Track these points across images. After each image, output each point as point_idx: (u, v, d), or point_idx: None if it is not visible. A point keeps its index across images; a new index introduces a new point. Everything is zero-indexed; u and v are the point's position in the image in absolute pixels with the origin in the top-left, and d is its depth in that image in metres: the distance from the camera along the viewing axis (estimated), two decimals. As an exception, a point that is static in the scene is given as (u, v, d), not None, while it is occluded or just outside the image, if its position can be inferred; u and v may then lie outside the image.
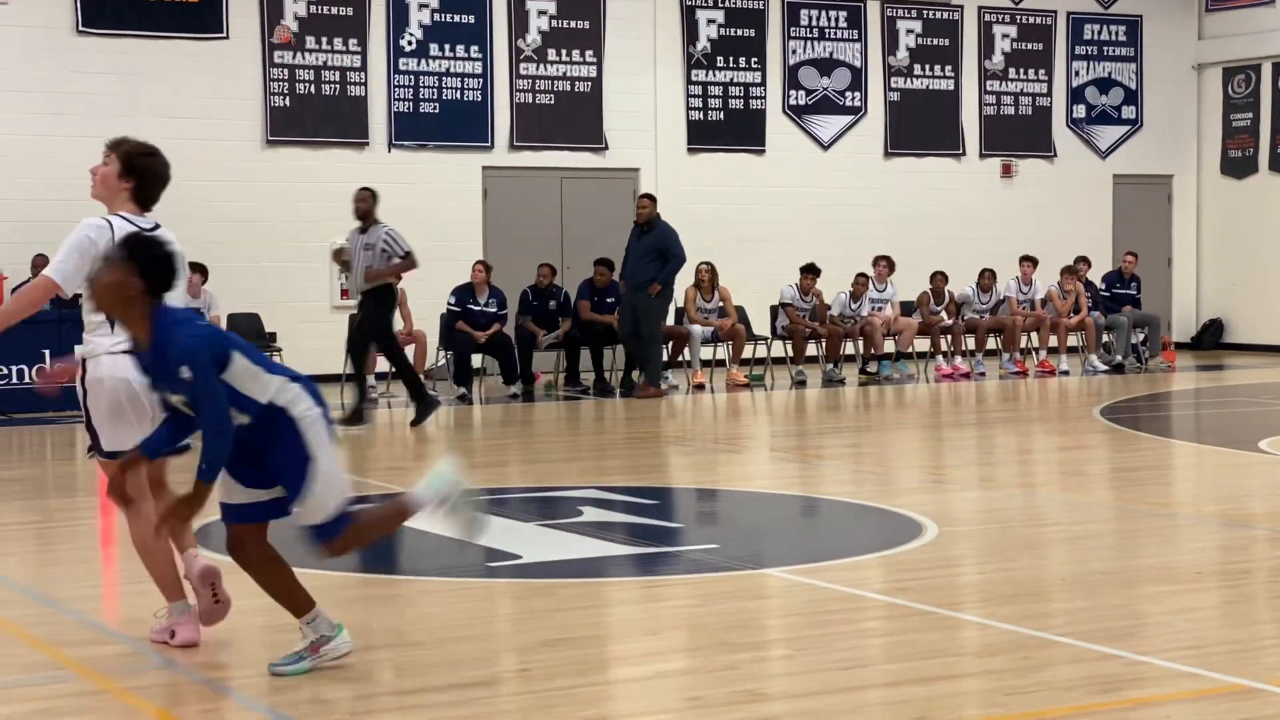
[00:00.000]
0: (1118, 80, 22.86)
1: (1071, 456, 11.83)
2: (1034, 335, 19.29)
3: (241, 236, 17.96)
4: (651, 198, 16.85)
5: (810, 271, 18.04)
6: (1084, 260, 19.94)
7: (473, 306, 16.53)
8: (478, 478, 11.00)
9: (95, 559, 8.03)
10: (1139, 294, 19.95)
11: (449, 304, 16.62)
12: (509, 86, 19.28)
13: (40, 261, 16.39)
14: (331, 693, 5.12)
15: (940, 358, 18.78)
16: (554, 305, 17.06)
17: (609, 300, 17.07)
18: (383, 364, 16.70)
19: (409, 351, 16.62)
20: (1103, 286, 19.99)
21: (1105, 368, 19.00)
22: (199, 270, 16.43)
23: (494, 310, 16.59)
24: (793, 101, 20.88)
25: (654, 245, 16.36)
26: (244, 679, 5.36)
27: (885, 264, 18.60)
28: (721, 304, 17.64)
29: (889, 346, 18.61)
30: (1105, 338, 19.67)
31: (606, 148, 19.79)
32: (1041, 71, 22.35)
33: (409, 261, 13.81)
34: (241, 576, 7.17)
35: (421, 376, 16.35)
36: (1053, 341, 19.16)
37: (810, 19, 20.98)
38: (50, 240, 17.12)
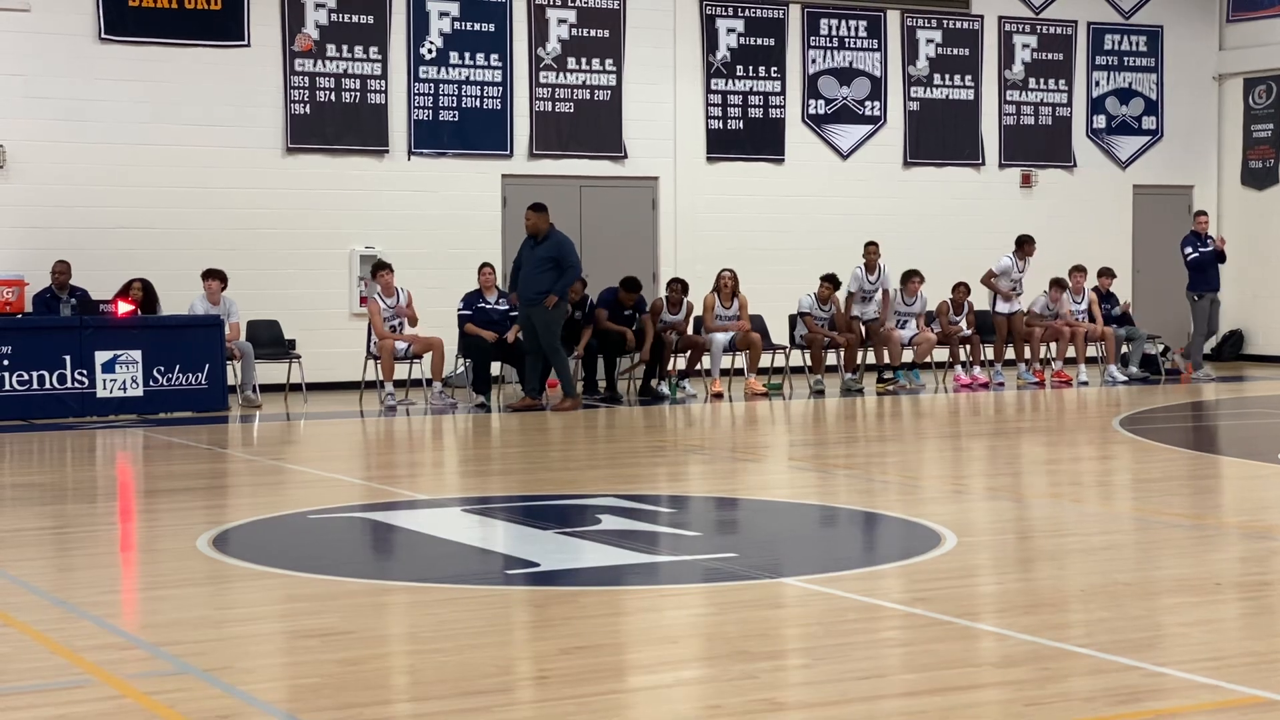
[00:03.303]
0: (1138, 91, 22.83)
1: (1091, 467, 11.80)
2: (1053, 345, 19.25)
3: (261, 243, 18.02)
4: (537, 208, 15.98)
5: (829, 281, 18.02)
6: (1108, 273, 19.90)
7: (483, 305, 16.56)
8: (496, 485, 11.02)
9: (114, 564, 8.05)
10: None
11: (459, 309, 16.62)
12: (529, 95, 19.32)
13: (61, 268, 16.46)
14: (350, 698, 5.13)
15: (959, 367, 18.75)
16: (579, 315, 16.96)
17: (625, 313, 17.02)
18: (400, 371, 16.75)
19: (426, 359, 16.64)
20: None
21: (1125, 378, 18.96)
22: (218, 277, 16.49)
23: (505, 307, 16.58)
24: (812, 111, 20.89)
25: (548, 255, 15.69)
26: (262, 684, 5.36)
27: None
28: (739, 312, 17.61)
29: (906, 356, 18.59)
30: (1123, 348, 19.62)
31: (626, 156, 19.81)
32: (1062, 81, 22.33)
33: None
34: (266, 583, 7.19)
35: (439, 384, 16.39)
36: (1070, 352, 19.14)
37: (830, 28, 20.99)
38: (72, 247, 17.33)
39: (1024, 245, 19.12)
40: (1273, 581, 7.25)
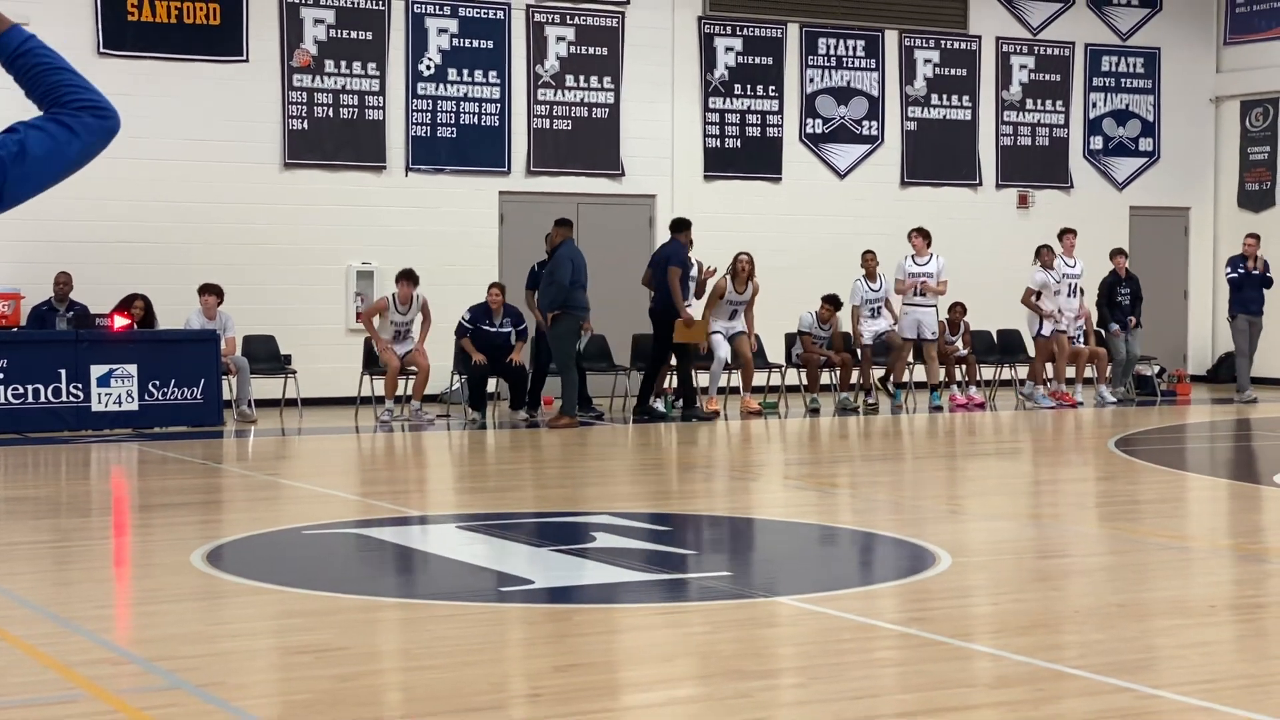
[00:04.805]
0: (1135, 112, 22.87)
1: (1085, 488, 11.80)
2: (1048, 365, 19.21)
3: (258, 258, 18.01)
4: (557, 223, 16.35)
5: (830, 303, 18.00)
6: (1120, 252, 19.80)
7: (486, 327, 16.50)
8: (491, 502, 11.01)
9: (109, 578, 8.04)
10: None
11: (463, 319, 16.57)
12: (526, 112, 19.34)
13: (64, 279, 16.46)
14: (343, 715, 5.12)
15: (955, 387, 18.74)
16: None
17: None
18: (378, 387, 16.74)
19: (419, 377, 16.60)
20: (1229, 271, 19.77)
21: (1115, 399, 18.87)
22: (214, 291, 16.49)
23: (507, 330, 16.55)
24: (810, 130, 20.91)
25: (549, 270, 16.01)
26: (255, 700, 5.35)
27: (919, 235, 18.38)
28: (750, 298, 17.41)
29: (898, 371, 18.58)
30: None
31: (623, 174, 19.82)
32: (1059, 102, 22.36)
33: None
34: (259, 599, 7.18)
35: (418, 403, 16.34)
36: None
37: (828, 48, 21.02)
38: (70, 261, 17.31)
39: (1040, 254, 18.86)
40: (1267, 604, 7.25)
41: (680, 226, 17.10)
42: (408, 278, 16.51)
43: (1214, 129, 23.33)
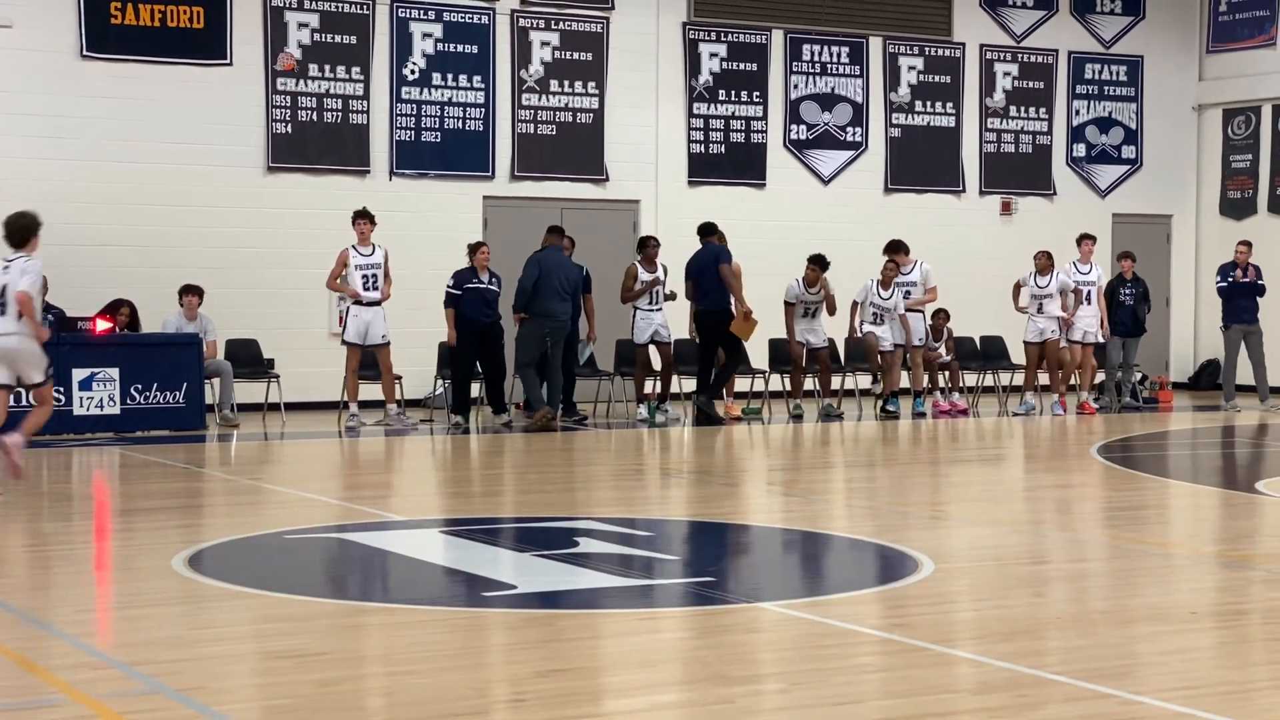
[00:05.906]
0: (1118, 120, 22.94)
1: (1068, 495, 11.81)
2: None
3: (241, 262, 17.99)
4: (548, 230, 16.69)
5: (816, 263, 17.72)
6: (1128, 255, 19.61)
7: (475, 284, 16.38)
8: (473, 507, 11.00)
9: (89, 582, 8.01)
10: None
11: (448, 286, 16.48)
12: (511, 117, 19.34)
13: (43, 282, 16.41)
14: (324, 720, 5.11)
15: (938, 393, 18.76)
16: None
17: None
18: (368, 392, 16.71)
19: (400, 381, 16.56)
20: (1219, 278, 19.61)
21: (1098, 406, 18.86)
22: (196, 292, 16.48)
23: (496, 288, 16.49)
24: (794, 136, 20.93)
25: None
26: (236, 705, 5.34)
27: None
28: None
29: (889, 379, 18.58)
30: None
31: (607, 179, 19.83)
32: (1042, 110, 22.42)
33: None
34: (241, 603, 7.16)
35: (394, 406, 16.29)
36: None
37: (812, 54, 21.05)
38: (52, 264, 17.22)
39: (1035, 259, 18.73)
40: (1248, 611, 7.26)
41: (712, 230, 17.11)
42: (364, 216, 16.39)
43: (1196, 137, 23.41)
